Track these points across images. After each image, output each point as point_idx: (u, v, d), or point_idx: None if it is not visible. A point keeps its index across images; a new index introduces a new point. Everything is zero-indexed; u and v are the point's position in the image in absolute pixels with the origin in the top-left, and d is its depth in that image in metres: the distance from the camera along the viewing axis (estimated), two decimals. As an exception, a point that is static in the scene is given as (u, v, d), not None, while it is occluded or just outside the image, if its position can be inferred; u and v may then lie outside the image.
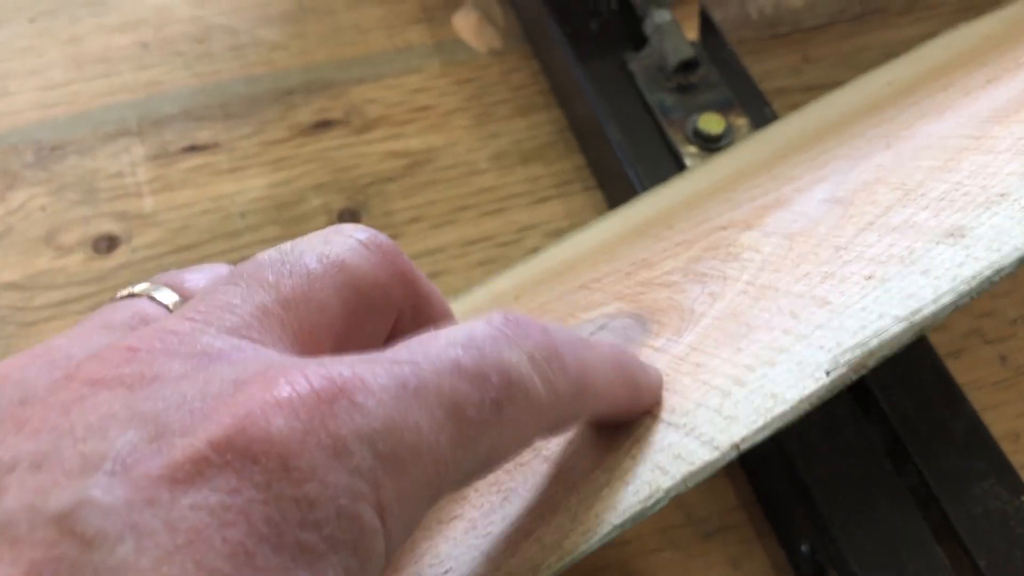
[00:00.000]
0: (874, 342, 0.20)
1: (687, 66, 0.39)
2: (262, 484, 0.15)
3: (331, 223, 0.40)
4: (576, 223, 0.40)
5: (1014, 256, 0.21)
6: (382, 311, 0.20)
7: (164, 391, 0.16)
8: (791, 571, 0.32)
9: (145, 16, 0.48)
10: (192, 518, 0.14)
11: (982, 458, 0.30)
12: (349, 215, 0.41)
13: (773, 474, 0.32)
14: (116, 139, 0.43)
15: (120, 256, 0.40)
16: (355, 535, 0.15)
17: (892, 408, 0.31)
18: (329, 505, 0.15)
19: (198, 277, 0.22)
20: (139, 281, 0.38)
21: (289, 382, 0.16)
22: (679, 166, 0.37)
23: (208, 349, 0.17)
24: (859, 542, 0.29)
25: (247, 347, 0.17)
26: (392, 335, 0.21)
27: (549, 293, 0.31)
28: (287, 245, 0.20)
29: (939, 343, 0.35)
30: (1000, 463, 0.30)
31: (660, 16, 0.40)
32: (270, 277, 0.19)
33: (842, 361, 0.20)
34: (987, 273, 0.21)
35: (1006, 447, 0.31)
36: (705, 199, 0.33)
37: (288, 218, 0.41)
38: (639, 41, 0.41)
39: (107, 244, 0.40)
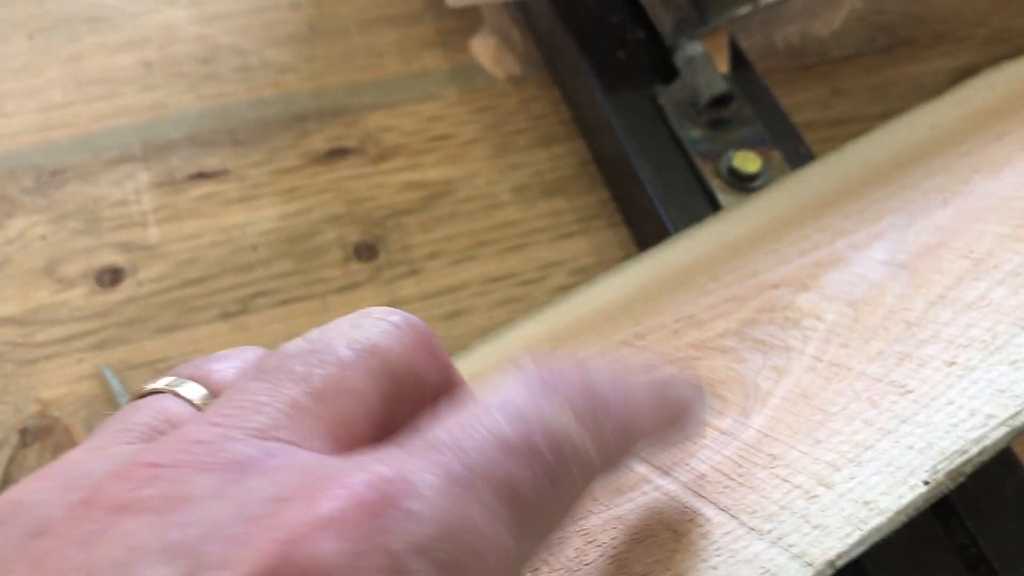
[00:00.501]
0: (974, 449, 0.19)
1: (720, 101, 0.37)
2: None
3: (347, 257, 0.39)
4: (602, 260, 0.39)
5: None
6: (419, 398, 0.19)
7: (195, 515, 0.14)
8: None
9: (148, 34, 0.46)
10: None
11: (1036, 522, 0.29)
12: (366, 249, 0.39)
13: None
14: (119, 165, 0.41)
15: (126, 290, 0.38)
16: None
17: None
18: None
19: (226, 367, 0.20)
20: (145, 317, 0.37)
21: (331, 496, 0.14)
22: (713, 206, 0.36)
23: (238, 457, 0.15)
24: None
25: (278, 450, 0.16)
26: None
27: (589, 348, 0.30)
28: (315, 332, 0.18)
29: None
30: (1055, 528, 0.29)
31: (692, 48, 0.38)
32: (299, 368, 0.17)
33: (941, 470, 0.19)
34: None
35: (1057, 508, 0.29)
36: (749, 247, 0.31)
37: (302, 251, 0.39)
38: (668, 73, 0.40)
39: (111, 277, 0.38)
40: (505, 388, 0.17)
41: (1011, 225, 0.24)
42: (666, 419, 0.19)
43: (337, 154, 0.42)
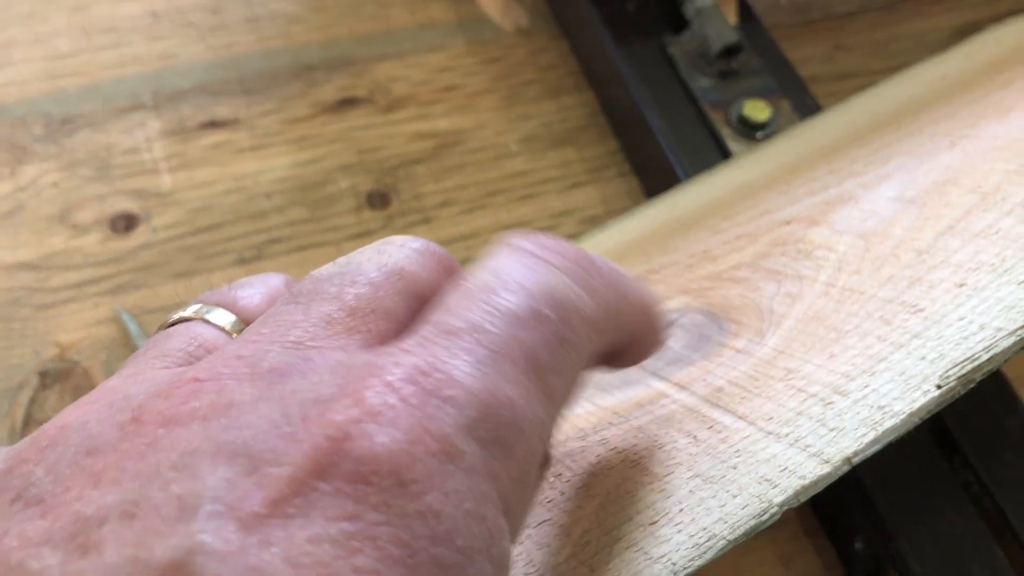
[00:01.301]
0: (984, 356, 0.20)
1: (730, 51, 0.38)
2: (381, 505, 0.14)
3: (360, 206, 0.39)
4: (612, 210, 0.40)
5: None
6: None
7: (244, 418, 0.15)
8: (841, 568, 0.31)
9: (155, -16, 0.46)
10: (315, 552, 0.13)
11: (1037, 456, 0.30)
12: (378, 198, 0.39)
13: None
14: (129, 113, 0.41)
15: (140, 236, 0.38)
16: (486, 540, 0.14)
17: (946, 407, 0.31)
18: (455, 513, 0.14)
19: (251, 293, 0.20)
20: (160, 263, 0.37)
21: (375, 390, 0.15)
22: (723, 154, 0.37)
23: (276, 366, 0.16)
24: (919, 540, 0.29)
25: (315, 355, 0.16)
26: None
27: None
28: (342, 259, 0.19)
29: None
30: (1056, 461, 0.30)
31: (702, 0, 0.39)
32: (331, 289, 0.18)
33: (952, 375, 0.20)
34: None
35: (1056, 444, 0.30)
36: (759, 190, 0.32)
37: (315, 199, 0.39)
38: (677, 24, 0.40)
39: (125, 223, 0.38)
40: (502, 264, 0.17)
41: (1018, 163, 0.25)
42: (639, 298, 0.20)
43: (347, 104, 0.42)
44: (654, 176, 0.39)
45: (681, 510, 0.20)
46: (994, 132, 0.29)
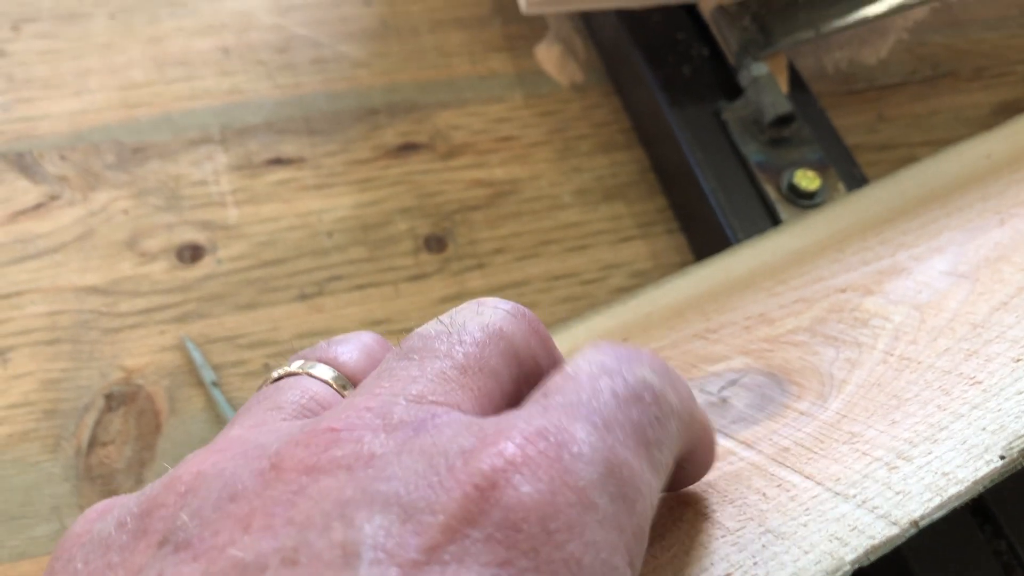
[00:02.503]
0: None
1: (783, 120, 0.40)
2: (530, 551, 0.15)
3: (417, 248, 0.41)
4: (660, 264, 0.41)
5: None
6: (535, 379, 0.21)
7: (389, 469, 0.15)
8: (876, 629, 0.32)
9: (225, 21, 0.47)
10: None
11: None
12: (435, 241, 0.41)
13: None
14: (199, 146, 0.43)
15: (205, 267, 0.39)
16: None
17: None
18: (594, 562, 0.15)
19: (349, 349, 0.21)
20: (224, 294, 0.38)
21: (513, 444, 0.16)
22: (773, 219, 0.38)
23: (407, 419, 0.17)
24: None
25: (441, 412, 0.17)
26: None
27: (661, 339, 0.32)
28: (445, 317, 0.20)
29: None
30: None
31: (757, 69, 0.40)
32: (441, 347, 0.19)
33: (1016, 447, 0.21)
34: None
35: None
36: (812, 256, 0.33)
37: (375, 240, 0.41)
38: (730, 90, 0.42)
39: (191, 253, 0.40)
40: (595, 358, 0.19)
41: None
42: (704, 419, 0.21)
43: (408, 148, 0.44)
44: (703, 235, 0.40)
45: (755, 563, 0.21)
46: None
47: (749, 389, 0.27)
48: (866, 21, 0.43)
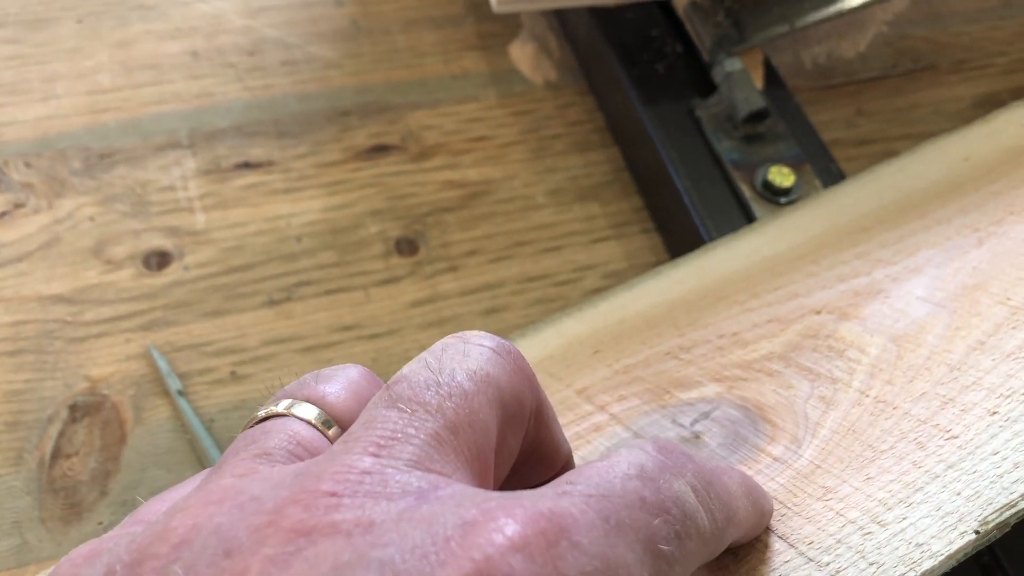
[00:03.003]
0: (1022, 504, 0.21)
1: (757, 116, 0.39)
2: None
3: (388, 251, 0.40)
4: (635, 265, 0.40)
5: None
6: (520, 421, 0.20)
7: (387, 537, 0.15)
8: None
9: (195, 24, 0.47)
10: None
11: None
12: (406, 244, 0.40)
13: None
14: (167, 151, 0.42)
15: (172, 273, 0.39)
16: None
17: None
18: None
19: (336, 389, 0.21)
20: (192, 301, 0.38)
21: (515, 522, 0.16)
22: (747, 217, 0.37)
23: (407, 488, 0.17)
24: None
25: (440, 482, 0.17)
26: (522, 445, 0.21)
27: (633, 355, 0.31)
28: (432, 360, 0.20)
29: None
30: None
31: (731, 64, 0.40)
32: (432, 401, 0.18)
33: (992, 521, 0.20)
34: None
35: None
36: (787, 267, 0.33)
37: (345, 244, 0.40)
38: (705, 87, 0.41)
39: (158, 260, 0.39)
40: (634, 456, 0.18)
41: None
42: (752, 512, 0.21)
43: (379, 150, 0.43)
44: (678, 235, 0.39)
45: None
46: (1020, 233, 0.30)
47: (722, 425, 0.26)
48: (842, 14, 0.42)
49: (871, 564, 0.20)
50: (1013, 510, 0.21)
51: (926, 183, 0.35)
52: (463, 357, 0.20)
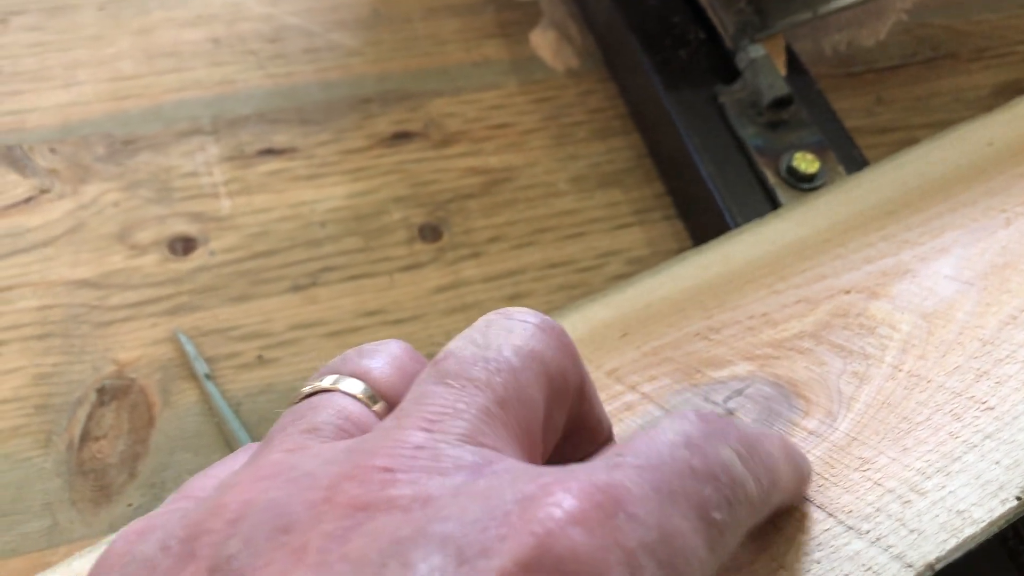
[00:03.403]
0: None
1: (781, 103, 0.39)
2: None
3: (411, 238, 0.40)
4: (657, 252, 0.41)
5: None
6: (565, 397, 0.20)
7: (445, 512, 0.15)
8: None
9: (216, 11, 0.47)
10: None
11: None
12: (430, 231, 0.40)
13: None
14: (190, 137, 0.42)
15: (197, 259, 0.39)
16: None
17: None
18: None
19: (380, 364, 0.21)
20: (217, 286, 0.38)
21: (573, 496, 0.16)
22: (773, 203, 0.37)
23: (461, 463, 0.17)
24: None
25: (493, 457, 0.17)
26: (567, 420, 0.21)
27: (662, 337, 0.31)
28: (478, 336, 0.20)
29: None
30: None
31: (754, 51, 0.40)
32: (481, 376, 0.18)
33: None
34: None
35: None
36: (813, 250, 0.33)
37: (368, 230, 0.40)
38: (728, 73, 0.41)
39: (183, 245, 0.39)
40: (678, 425, 0.18)
41: None
42: (794, 477, 0.21)
43: (401, 137, 0.43)
44: (702, 221, 0.40)
45: None
46: None
47: (755, 401, 0.26)
48: (864, 2, 0.42)
49: (912, 531, 0.20)
50: None
51: (949, 168, 0.35)
52: (508, 333, 0.20)
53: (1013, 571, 0.30)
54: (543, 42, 0.47)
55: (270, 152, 0.42)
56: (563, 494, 0.16)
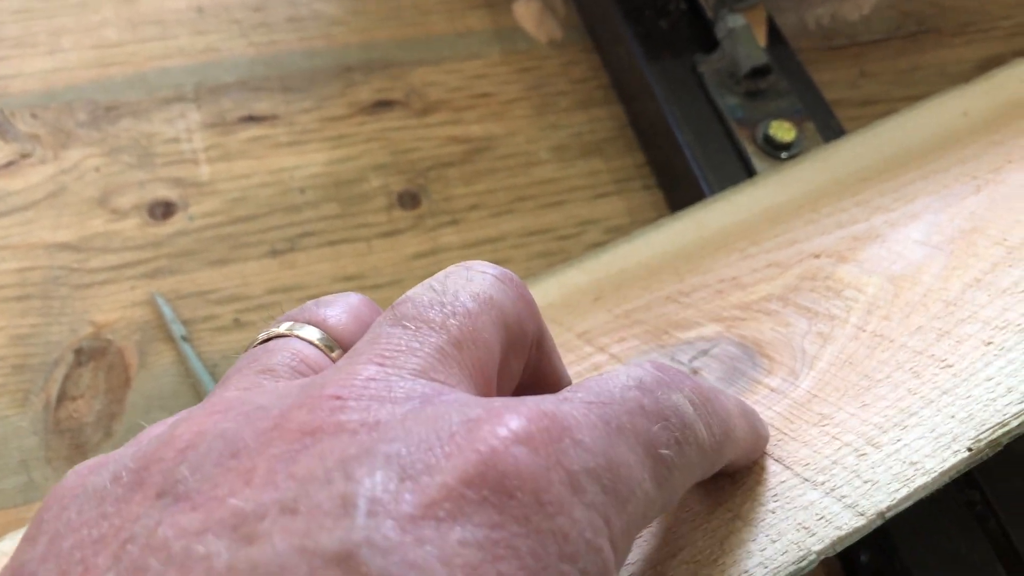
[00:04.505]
0: (1014, 423, 0.21)
1: (759, 72, 0.39)
2: (521, 518, 0.15)
3: (391, 205, 0.40)
4: (637, 221, 0.41)
5: None
6: (522, 346, 0.21)
7: (392, 433, 0.16)
8: (846, 578, 0.32)
9: (201, -20, 0.47)
10: (464, 554, 0.14)
11: (1042, 479, 0.31)
12: (409, 198, 0.41)
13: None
14: (172, 104, 0.43)
15: (176, 223, 0.39)
16: (600, 568, 0.16)
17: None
18: (579, 539, 0.15)
19: (337, 312, 0.21)
20: (196, 250, 0.38)
21: (518, 418, 0.16)
22: (748, 172, 0.38)
23: (412, 393, 0.17)
24: (923, 557, 0.29)
25: (444, 389, 0.17)
26: (524, 371, 0.21)
27: (634, 300, 0.31)
28: (436, 283, 0.20)
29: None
30: (1061, 485, 0.31)
31: (734, 20, 0.40)
32: (436, 317, 0.19)
33: (984, 439, 0.21)
34: None
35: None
36: (786, 216, 0.33)
37: (347, 197, 0.40)
38: (708, 43, 0.42)
39: (163, 210, 0.39)
40: (632, 371, 0.19)
41: None
42: (749, 434, 0.21)
43: (383, 105, 0.43)
44: (680, 190, 0.40)
45: (723, 551, 0.21)
46: (1019, 180, 0.30)
47: (720, 361, 0.27)
48: (846, -27, 0.42)
49: (865, 482, 0.21)
50: (1005, 429, 0.21)
51: (924, 136, 0.35)
52: (467, 281, 0.20)
53: (982, 538, 0.30)
54: (526, 13, 0.47)
55: (251, 119, 0.42)
56: (510, 415, 0.16)
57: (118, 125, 0.42)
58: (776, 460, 0.22)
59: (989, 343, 0.23)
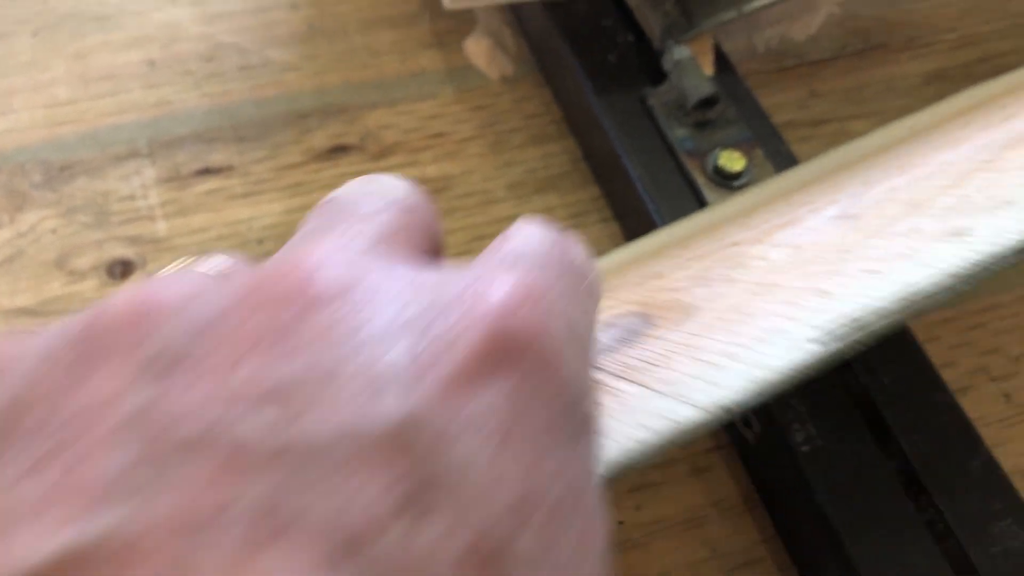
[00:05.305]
0: (866, 317, 0.21)
1: (706, 103, 0.39)
2: (535, 373, 0.16)
3: (350, 251, 0.40)
4: (593, 254, 0.41)
5: (1013, 246, 0.22)
6: (435, 252, 0.21)
7: (400, 299, 0.15)
8: (814, 605, 0.32)
9: (151, 33, 0.47)
10: (498, 414, 0.15)
11: (999, 498, 0.31)
12: (367, 243, 0.41)
13: (797, 512, 0.33)
14: (126, 160, 0.43)
15: (135, 282, 0.39)
16: (597, 412, 0.17)
17: (911, 447, 0.33)
18: (581, 387, 0.17)
19: (221, 258, 0.19)
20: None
21: (509, 284, 0.16)
22: (700, 202, 0.38)
23: (397, 259, 0.17)
24: (882, 574, 0.30)
25: (424, 258, 0.18)
26: None
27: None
28: (356, 184, 0.20)
29: (946, 380, 0.36)
30: (1016, 503, 0.31)
31: (679, 52, 0.40)
32: (379, 203, 0.19)
33: (833, 334, 0.21)
34: (986, 262, 0.22)
35: (1016, 483, 0.32)
36: (723, 225, 0.34)
37: (306, 245, 0.40)
38: (656, 75, 0.42)
39: (121, 269, 0.39)
40: (521, 228, 0.20)
41: (954, 178, 0.27)
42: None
43: (339, 151, 0.44)
44: (633, 223, 0.40)
45: None
46: (942, 159, 0.30)
47: (621, 327, 0.28)
48: (788, -2, 0.43)
49: (712, 384, 0.22)
50: (856, 324, 0.21)
51: (866, 151, 0.35)
52: (380, 186, 0.20)
53: (940, 556, 0.31)
54: (478, 50, 0.47)
55: (207, 171, 0.42)
56: (501, 283, 0.16)
57: (73, 184, 0.42)
58: (640, 384, 0.23)
59: (872, 272, 0.24)
